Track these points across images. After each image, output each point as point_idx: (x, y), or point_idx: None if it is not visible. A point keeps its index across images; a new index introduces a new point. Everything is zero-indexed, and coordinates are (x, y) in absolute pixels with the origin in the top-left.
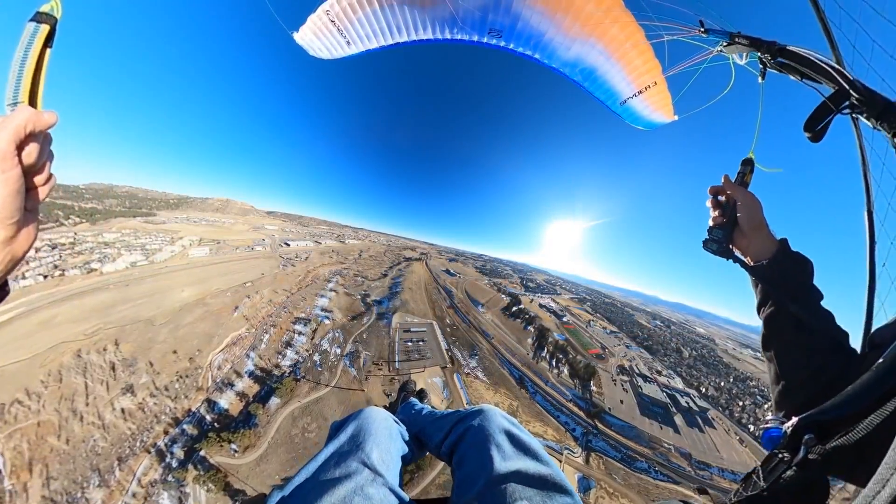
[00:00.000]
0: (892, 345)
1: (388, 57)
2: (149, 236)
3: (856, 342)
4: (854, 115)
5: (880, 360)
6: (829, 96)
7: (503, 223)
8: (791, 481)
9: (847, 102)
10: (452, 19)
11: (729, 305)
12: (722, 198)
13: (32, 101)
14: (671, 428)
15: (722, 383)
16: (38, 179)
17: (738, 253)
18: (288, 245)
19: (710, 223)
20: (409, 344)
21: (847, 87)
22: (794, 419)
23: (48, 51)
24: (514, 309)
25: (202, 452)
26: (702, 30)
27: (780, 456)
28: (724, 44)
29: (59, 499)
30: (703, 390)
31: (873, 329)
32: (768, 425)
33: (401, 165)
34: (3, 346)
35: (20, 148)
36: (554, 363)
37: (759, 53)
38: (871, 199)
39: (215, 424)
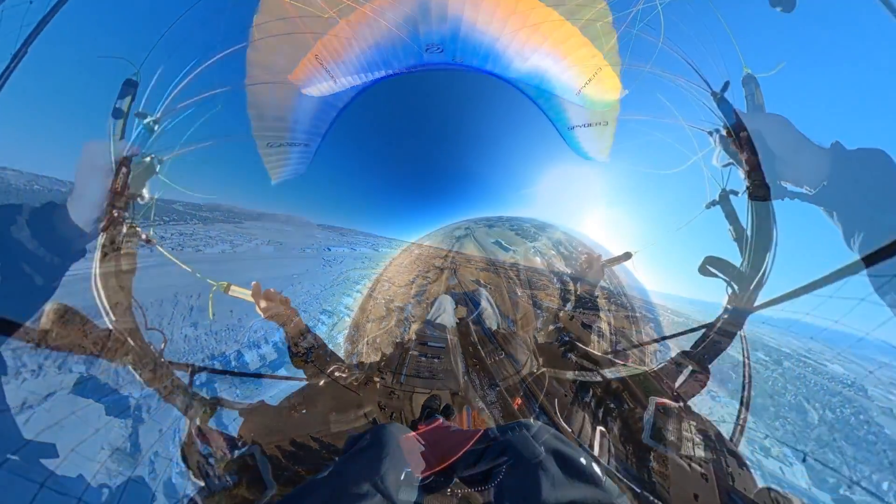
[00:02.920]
0: None
1: (407, 81)
2: (236, 235)
3: None
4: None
5: None
6: None
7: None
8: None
9: None
10: (415, 48)
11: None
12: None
13: None
14: None
15: (885, 484)
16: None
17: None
18: (329, 250)
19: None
20: (423, 359)
21: None
22: None
23: None
24: (551, 329)
25: (216, 384)
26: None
27: None
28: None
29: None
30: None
31: None
32: None
33: (425, 176)
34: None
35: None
36: (600, 414)
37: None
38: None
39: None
